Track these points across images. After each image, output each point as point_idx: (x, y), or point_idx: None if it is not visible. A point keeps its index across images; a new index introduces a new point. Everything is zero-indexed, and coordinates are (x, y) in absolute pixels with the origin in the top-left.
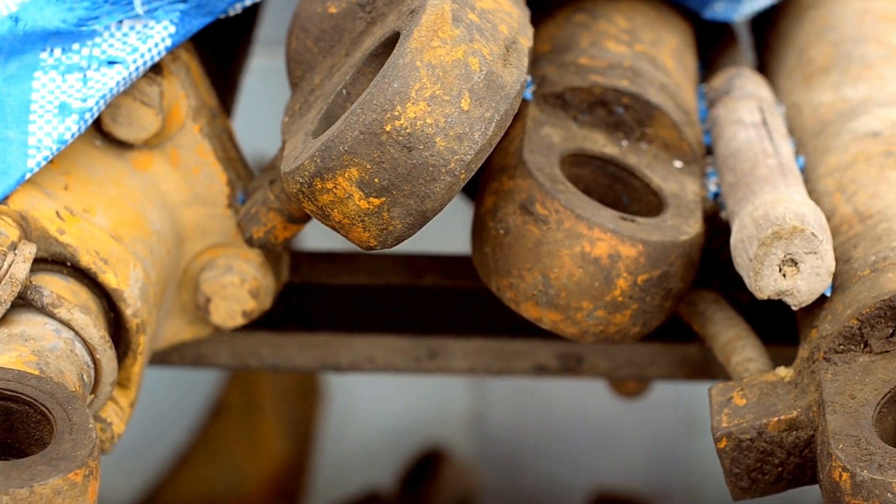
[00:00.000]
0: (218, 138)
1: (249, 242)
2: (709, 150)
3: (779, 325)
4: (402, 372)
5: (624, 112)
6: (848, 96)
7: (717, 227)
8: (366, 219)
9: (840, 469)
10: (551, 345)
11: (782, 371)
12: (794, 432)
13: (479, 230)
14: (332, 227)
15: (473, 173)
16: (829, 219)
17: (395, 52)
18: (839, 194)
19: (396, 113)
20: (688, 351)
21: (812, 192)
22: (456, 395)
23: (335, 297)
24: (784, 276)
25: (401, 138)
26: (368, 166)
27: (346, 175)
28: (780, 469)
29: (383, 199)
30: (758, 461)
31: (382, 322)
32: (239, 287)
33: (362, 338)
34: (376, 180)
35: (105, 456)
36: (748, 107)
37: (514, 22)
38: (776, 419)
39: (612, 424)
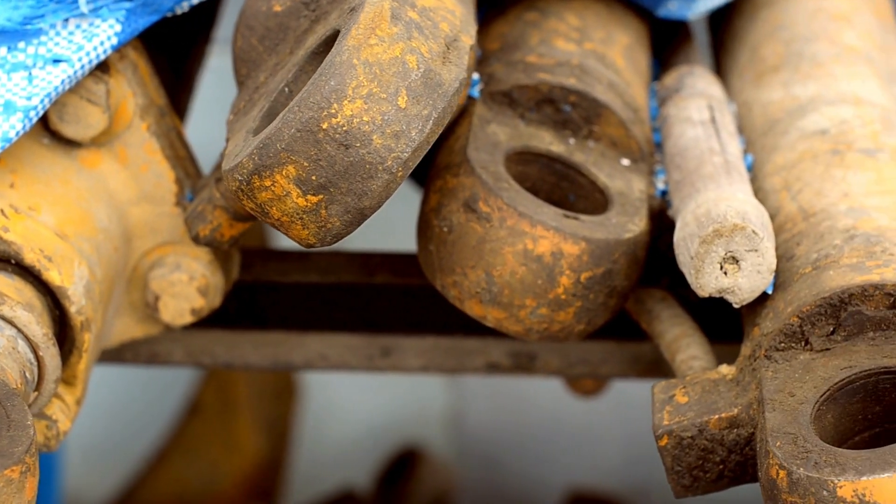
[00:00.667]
0: (166, 136)
1: (196, 240)
2: (659, 148)
3: (727, 323)
4: (355, 370)
5: (571, 110)
6: (797, 94)
7: (664, 224)
8: (304, 216)
9: (777, 467)
10: (504, 343)
11: (725, 369)
12: (735, 430)
13: (424, 228)
14: (273, 225)
15: (411, 171)
16: (774, 217)
17: (332, 50)
18: (785, 192)
19: (333, 111)
20: (641, 349)
21: (759, 191)
22: (434, 394)
23: (289, 295)
24: (725, 273)
25: (337, 136)
26: (306, 164)
27: (283, 173)
28: (721, 467)
29: (321, 196)
30: (699, 459)
31: (336, 320)
32: (187, 285)
33: (316, 336)
34: (314, 178)
35: (81, 455)
36: (697, 105)
37: (457, 20)
38: (717, 417)
39: (589, 424)
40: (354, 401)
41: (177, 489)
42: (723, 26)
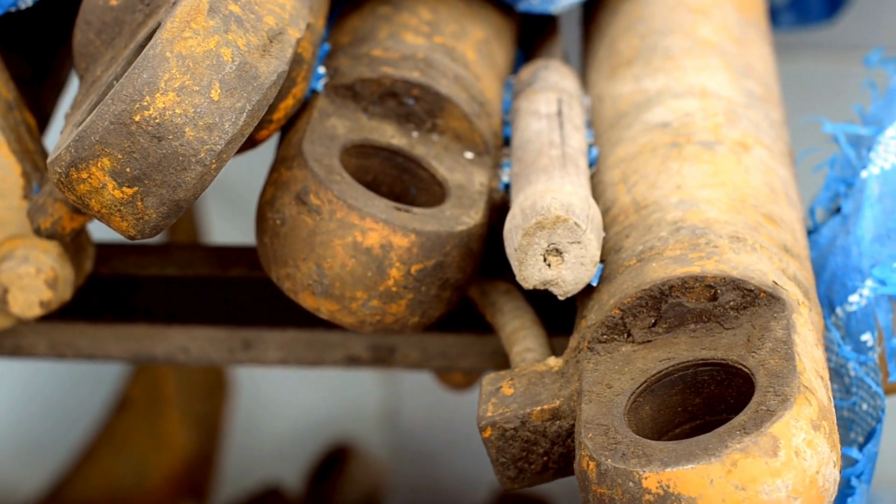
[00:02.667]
0: (13, 130)
1: (38, 233)
2: (508, 141)
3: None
4: (216, 363)
5: (414, 103)
6: (646, 88)
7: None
8: (122, 208)
9: (587, 458)
10: (364, 336)
11: (552, 361)
12: (557, 422)
13: (260, 221)
14: (95, 217)
15: (225, 163)
16: (609, 209)
17: (148, 43)
18: (622, 185)
19: (145, 103)
20: (500, 343)
21: (599, 184)
22: (368, 390)
23: (152, 288)
24: (549, 265)
25: (150, 128)
26: (120, 156)
27: (98, 165)
28: (545, 458)
29: (136, 188)
30: (523, 450)
31: (198, 314)
32: (35, 277)
33: (178, 329)
34: (128, 170)
35: (9, 452)
36: (547, 98)
37: (286, 13)
38: (539, 409)
39: None
40: (287, 397)
41: (105, 485)
42: (588, 20)
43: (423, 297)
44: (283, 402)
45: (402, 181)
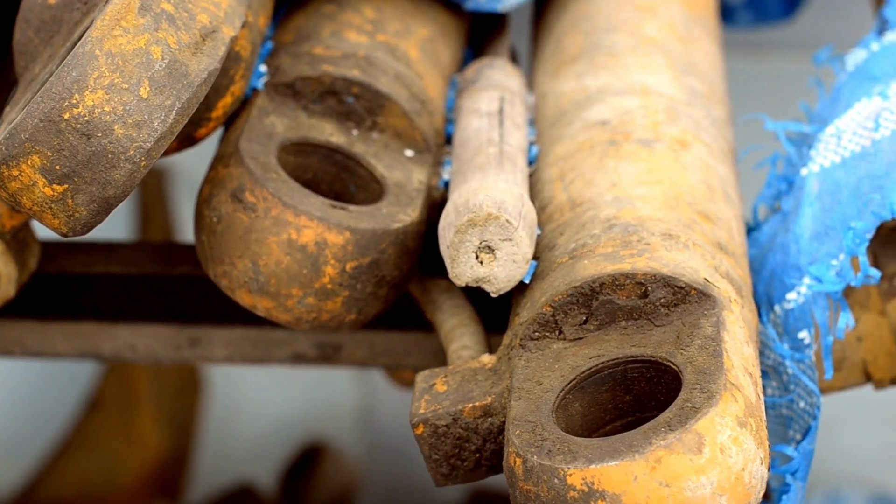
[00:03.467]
0: None
1: None
2: (450, 139)
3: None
4: (163, 360)
5: (354, 101)
6: (587, 85)
7: None
8: (52, 206)
9: (514, 454)
10: (310, 333)
11: (486, 358)
12: (489, 419)
13: (198, 219)
14: (28, 215)
15: (155, 160)
16: (546, 207)
17: (79, 41)
18: (559, 182)
19: (74, 101)
20: None
21: (538, 181)
22: (343, 389)
23: (100, 286)
24: (481, 263)
25: (79, 126)
26: (49, 154)
27: (28, 162)
28: (477, 455)
29: (66, 186)
30: (455, 447)
31: (145, 311)
32: None
33: (125, 327)
34: (58, 167)
35: None
36: (489, 96)
37: (221, 11)
38: (471, 405)
39: None
40: (262, 396)
41: (78, 484)
42: (538, 18)
43: (359, 295)
44: (258, 401)
45: (341, 179)
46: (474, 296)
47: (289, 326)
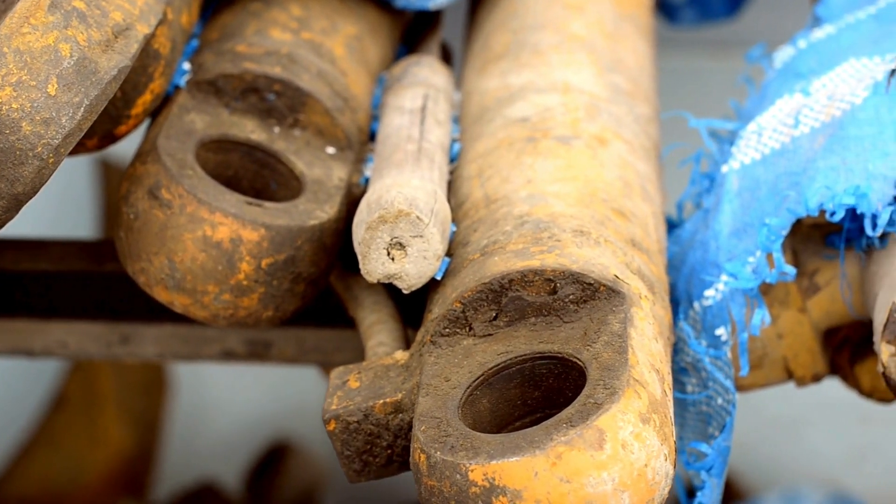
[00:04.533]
0: None
1: None
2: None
3: None
4: (94, 356)
5: (276, 99)
6: (511, 83)
7: None
8: None
9: (419, 450)
10: (240, 331)
11: (399, 354)
12: (399, 415)
13: (117, 215)
14: None
15: (64, 157)
16: (463, 203)
17: None
18: (476, 179)
19: None
20: None
21: (458, 178)
22: (310, 388)
23: (31, 283)
24: (392, 259)
25: None
26: None
27: None
28: (389, 451)
29: None
30: (367, 444)
31: (77, 308)
32: None
33: (56, 324)
34: None
35: None
36: (413, 93)
37: (136, 9)
38: (382, 402)
39: None
40: (228, 394)
41: (42, 482)
42: (471, 16)
43: (276, 291)
44: (224, 400)
45: (262, 176)
46: (402, 293)
47: (206, 323)
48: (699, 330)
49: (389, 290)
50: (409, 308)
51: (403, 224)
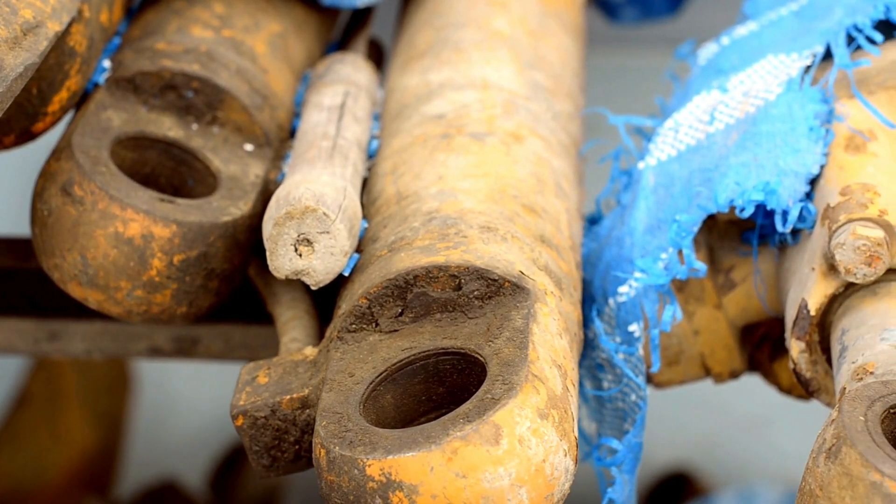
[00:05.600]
0: None
1: None
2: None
3: None
4: (22, 353)
5: (194, 96)
6: (430, 80)
7: None
8: None
9: (319, 445)
10: (168, 327)
11: (308, 350)
12: (307, 410)
13: (32, 212)
14: None
15: None
16: (376, 200)
17: None
18: (390, 176)
19: None
20: None
21: (374, 175)
22: None
23: None
24: (300, 255)
25: None
26: None
27: None
28: (297, 447)
29: None
30: (275, 439)
31: (4, 305)
32: None
33: None
34: None
35: None
36: (334, 91)
37: (48, 7)
38: (289, 397)
39: None
40: (192, 393)
41: (4, 480)
42: (401, 13)
43: (189, 288)
44: (188, 398)
45: (179, 173)
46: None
47: (121, 319)
48: (613, 326)
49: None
50: (331, 305)
51: (310, 220)
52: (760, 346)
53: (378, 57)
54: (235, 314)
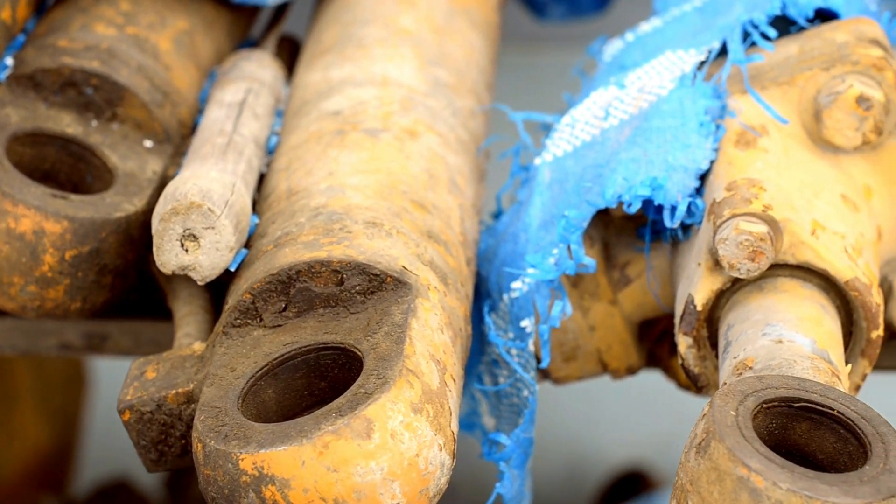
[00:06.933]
0: None
1: None
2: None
3: None
4: None
5: (93, 93)
6: (331, 76)
7: None
8: None
9: (197, 440)
10: (78, 324)
11: (197, 345)
12: (192, 405)
13: None
14: None
15: None
16: (269, 196)
17: None
18: (284, 172)
19: None
20: None
21: (270, 171)
22: None
23: None
24: (186, 251)
25: None
26: None
27: None
28: (183, 442)
29: None
30: (161, 434)
31: None
32: None
33: None
34: None
35: None
36: (236, 87)
37: None
38: (174, 392)
39: None
40: None
41: None
42: (315, 10)
43: (81, 283)
44: None
45: (78, 169)
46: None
47: (16, 314)
48: (507, 321)
49: (211, 283)
50: None
51: (195, 216)
52: (660, 341)
53: (294, 54)
54: (145, 310)
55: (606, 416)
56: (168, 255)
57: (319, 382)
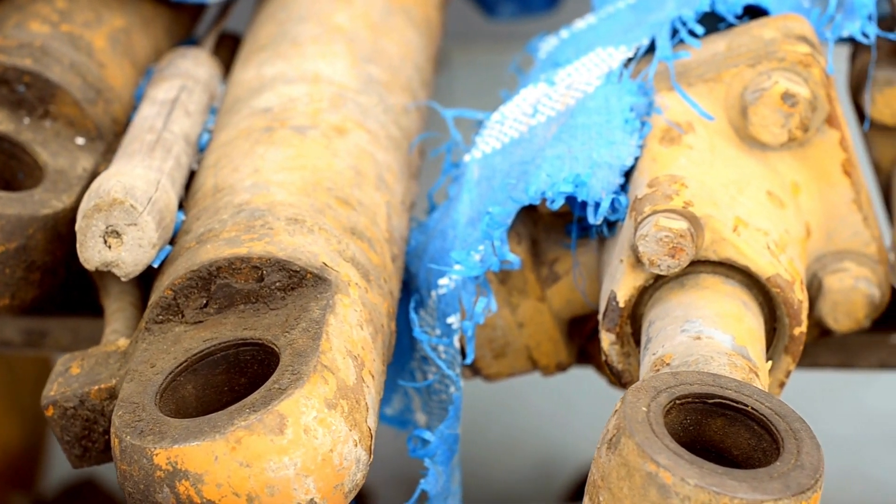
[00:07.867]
0: None
1: None
2: None
3: None
4: None
5: (25, 90)
6: (264, 73)
7: None
8: None
9: (114, 435)
10: (16, 320)
11: (121, 341)
12: (114, 401)
13: None
14: None
15: None
16: (196, 193)
17: None
18: (212, 169)
19: None
20: None
21: (200, 168)
22: None
23: None
24: (109, 247)
25: None
26: None
27: None
28: (106, 437)
29: None
30: (84, 429)
31: None
32: None
33: None
34: None
35: None
36: (170, 85)
37: None
38: (97, 388)
39: None
40: None
41: None
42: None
43: (9, 280)
44: None
45: (10, 167)
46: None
47: None
48: (434, 318)
49: (142, 279)
50: None
51: (118, 212)
52: (591, 338)
53: (234, 52)
54: (84, 307)
55: (575, 414)
56: (91, 252)
57: (239, 378)
